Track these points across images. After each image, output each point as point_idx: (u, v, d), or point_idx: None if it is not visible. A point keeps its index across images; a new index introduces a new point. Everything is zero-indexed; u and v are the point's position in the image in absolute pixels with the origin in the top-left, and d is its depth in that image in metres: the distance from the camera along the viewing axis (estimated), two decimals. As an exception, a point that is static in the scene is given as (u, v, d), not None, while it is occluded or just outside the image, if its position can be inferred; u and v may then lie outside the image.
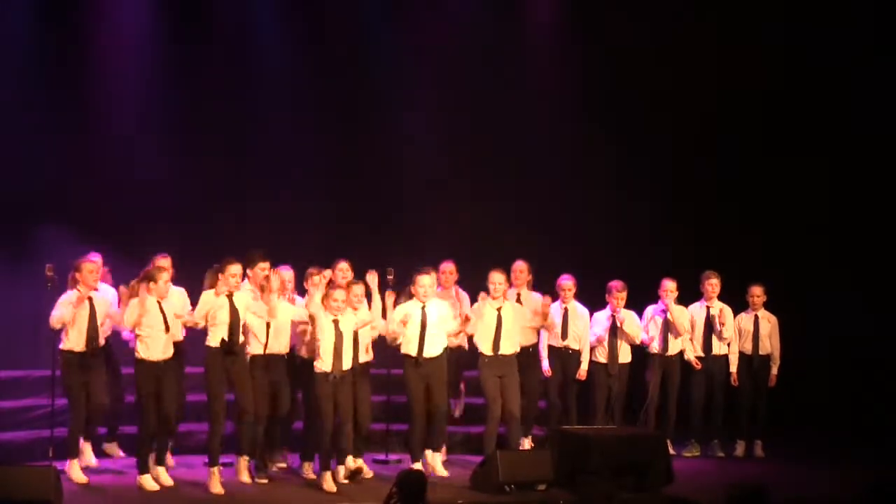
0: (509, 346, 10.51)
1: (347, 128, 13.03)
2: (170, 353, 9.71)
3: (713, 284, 11.62)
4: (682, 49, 12.90)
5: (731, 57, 12.88)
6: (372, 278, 10.07)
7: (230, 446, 9.92)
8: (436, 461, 10.20)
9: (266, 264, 10.05)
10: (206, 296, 9.74)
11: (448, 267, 11.16)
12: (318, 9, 13.16)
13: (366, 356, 10.16)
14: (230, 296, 9.71)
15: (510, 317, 10.53)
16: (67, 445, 9.76)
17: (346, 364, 9.70)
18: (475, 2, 13.51)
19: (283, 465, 10.37)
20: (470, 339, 10.71)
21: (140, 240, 11.30)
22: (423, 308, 10.14)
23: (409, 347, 10.15)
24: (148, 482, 9.50)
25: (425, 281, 10.13)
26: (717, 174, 13.05)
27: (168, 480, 9.65)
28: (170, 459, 10.16)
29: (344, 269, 10.48)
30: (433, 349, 10.15)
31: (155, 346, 9.59)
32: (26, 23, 12.17)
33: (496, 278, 10.49)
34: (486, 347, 10.47)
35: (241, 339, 9.76)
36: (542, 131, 13.20)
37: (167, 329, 9.64)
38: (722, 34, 12.91)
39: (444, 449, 10.54)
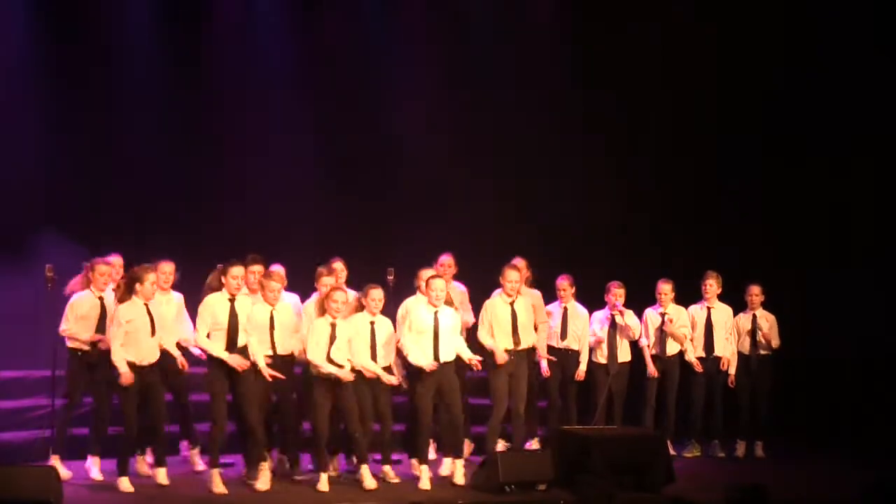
0: (527, 340, 10.44)
1: (348, 127, 13.03)
2: (155, 356, 9.52)
3: (710, 285, 11.63)
4: (682, 49, 12.90)
5: (731, 57, 12.88)
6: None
7: (234, 446, 9.92)
8: (458, 469, 9.93)
9: (259, 267, 9.96)
10: (208, 300, 9.59)
11: (447, 260, 10.94)
12: (317, 6, 13.17)
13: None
14: (232, 299, 9.57)
15: (523, 310, 10.46)
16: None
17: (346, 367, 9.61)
18: (476, 0, 13.52)
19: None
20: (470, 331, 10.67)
21: (140, 241, 11.27)
22: (435, 313, 9.93)
23: (420, 356, 9.86)
24: (124, 484, 9.43)
25: (438, 285, 9.90)
26: (717, 174, 13.05)
27: (165, 480, 9.55)
28: (196, 458, 10.18)
29: (338, 269, 10.39)
30: (447, 355, 9.91)
31: (138, 350, 9.40)
32: (25, 23, 12.16)
33: (512, 276, 10.39)
34: (504, 343, 10.32)
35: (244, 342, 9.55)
36: (542, 131, 13.18)
37: (153, 332, 9.47)
38: (722, 34, 12.90)
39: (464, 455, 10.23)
